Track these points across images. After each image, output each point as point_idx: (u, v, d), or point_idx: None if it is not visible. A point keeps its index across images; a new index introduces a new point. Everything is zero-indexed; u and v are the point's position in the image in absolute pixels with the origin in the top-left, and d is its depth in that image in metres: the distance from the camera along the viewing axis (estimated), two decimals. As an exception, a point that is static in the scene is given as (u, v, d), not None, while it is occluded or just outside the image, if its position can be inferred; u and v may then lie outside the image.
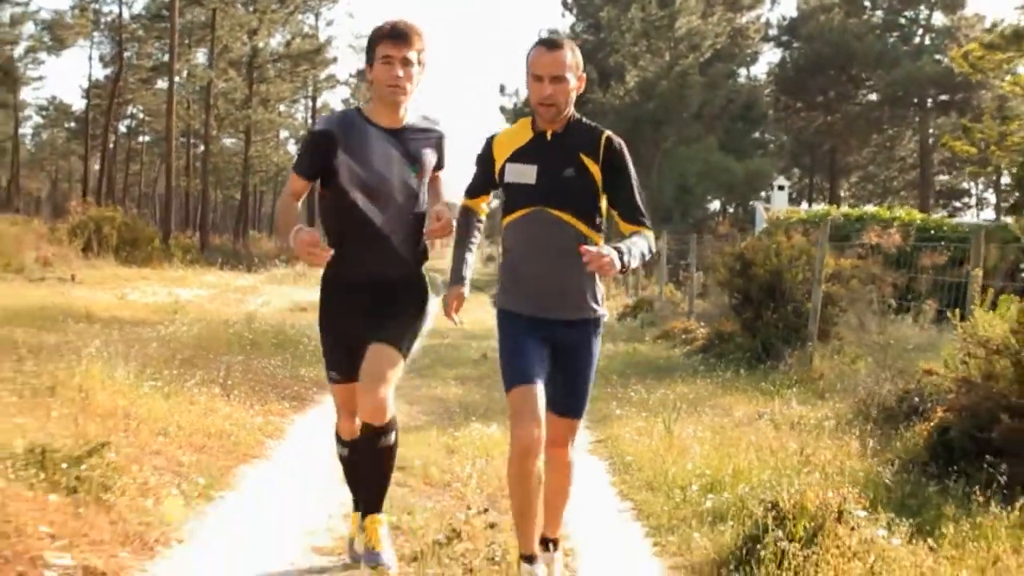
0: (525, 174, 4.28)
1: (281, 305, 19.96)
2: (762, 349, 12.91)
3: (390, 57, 4.32)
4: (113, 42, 59.36)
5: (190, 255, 37.61)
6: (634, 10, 49.55)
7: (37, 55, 63.08)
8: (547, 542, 4.57)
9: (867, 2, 64.02)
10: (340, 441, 4.86)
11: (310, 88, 74.08)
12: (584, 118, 4.41)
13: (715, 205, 57.93)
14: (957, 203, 71.10)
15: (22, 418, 5.97)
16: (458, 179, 4.77)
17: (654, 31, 50.19)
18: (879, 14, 63.92)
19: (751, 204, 48.13)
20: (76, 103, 78.98)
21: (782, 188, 42.57)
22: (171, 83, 43.06)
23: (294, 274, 31.60)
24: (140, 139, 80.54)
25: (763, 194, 48.89)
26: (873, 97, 64.15)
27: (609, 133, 4.34)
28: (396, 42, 4.32)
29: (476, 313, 16.92)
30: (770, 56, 78.46)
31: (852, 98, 64.55)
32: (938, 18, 63.08)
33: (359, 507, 4.75)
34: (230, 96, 58.18)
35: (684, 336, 16.23)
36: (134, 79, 60.26)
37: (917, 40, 62.71)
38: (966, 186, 70.16)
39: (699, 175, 47.15)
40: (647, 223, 4.35)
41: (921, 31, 63.34)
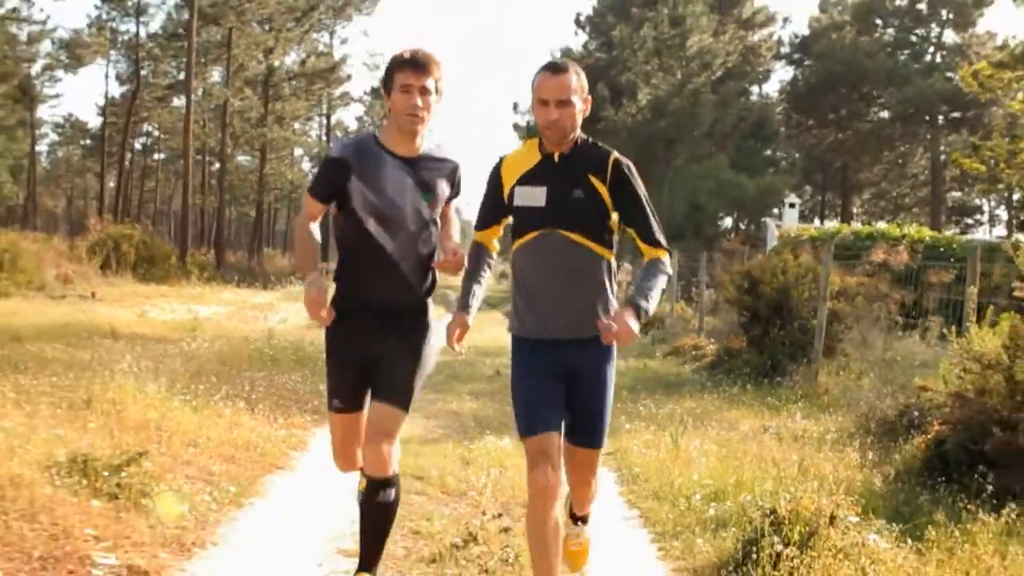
0: (535, 196, 4.29)
1: (298, 322, 20.26)
2: (769, 365, 13.19)
3: (409, 86, 4.30)
4: (130, 60, 59.89)
5: (207, 272, 38.01)
6: (646, 28, 49.85)
7: (54, 73, 63.33)
8: (576, 518, 4.82)
9: (878, 20, 64.22)
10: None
11: (324, 106, 74.59)
12: (591, 139, 4.43)
13: (727, 222, 58.09)
14: (969, 220, 70.86)
15: (61, 429, 6.37)
16: (471, 196, 4.87)
17: (666, 49, 50.46)
18: (890, 32, 64.10)
19: (763, 221, 48.33)
20: (92, 120, 79.39)
21: (793, 206, 42.79)
22: (188, 102, 43.59)
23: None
24: (155, 156, 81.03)
25: (775, 211, 49.04)
26: (885, 115, 64.28)
27: (617, 154, 4.36)
28: (415, 71, 4.31)
29: (489, 331, 17.22)
30: (782, 74, 78.71)
31: (864, 115, 64.74)
32: (949, 36, 63.25)
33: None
34: (246, 115, 58.68)
35: (694, 352, 16.51)
36: (150, 97, 60.69)
37: (928, 58, 62.89)
38: (978, 203, 70.03)
39: (711, 193, 47.30)
40: (664, 243, 4.36)
41: (932, 49, 63.52)
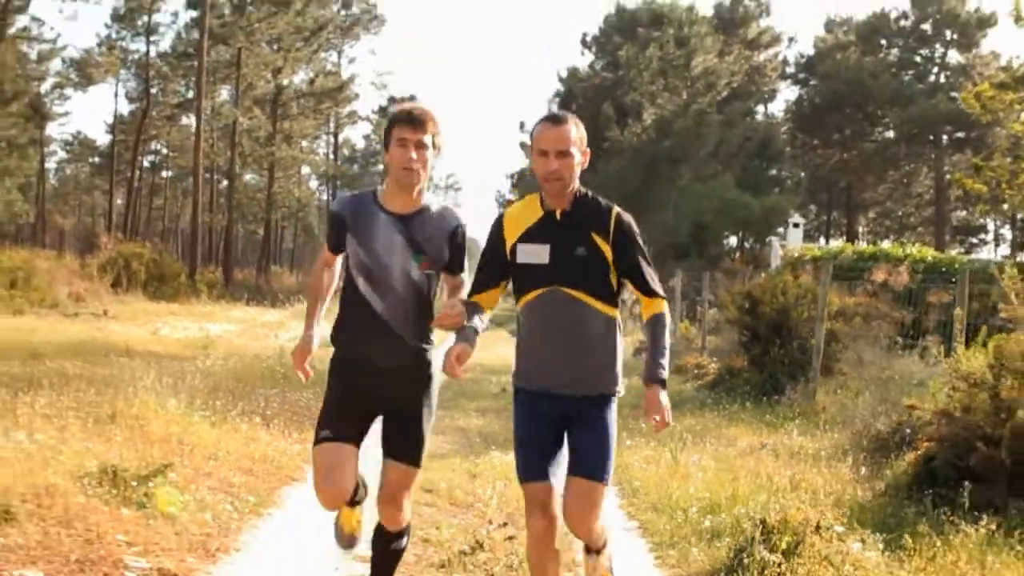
0: (538, 254, 4.29)
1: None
2: (769, 384, 13.48)
3: (405, 140, 4.32)
4: (139, 79, 60.40)
5: (216, 290, 38.40)
6: (652, 49, 50.22)
7: (63, 91, 63.76)
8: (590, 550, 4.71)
9: (883, 40, 64.61)
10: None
11: (332, 124, 75.24)
12: (590, 192, 4.43)
13: (733, 241, 58.36)
14: (974, 239, 71.03)
15: (90, 442, 6.71)
16: (478, 212, 4.88)
17: (671, 70, 50.81)
18: (895, 52, 64.45)
19: (768, 240, 48.56)
20: (100, 138, 80.00)
21: (797, 225, 43.01)
22: (199, 121, 44.06)
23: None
24: (163, 174, 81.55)
25: (779, 231, 49.30)
26: (889, 134, 64.60)
27: (618, 210, 4.37)
28: (412, 126, 4.33)
29: (496, 349, 17.54)
30: (788, 94, 78.93)
31: (868, 135, 65.05)
32: (953, 56, 63.58)
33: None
34: (254, 133, 59.20)
35: (696, 371, 16.80)
36: (159, 115, 61.21)
37: (932, 78, 63.17)
38: (983, 222, 70.20)
39: (716, 212, 47.51)
40: (662, 292, 4.40)
41: (936, 69, 63.82)
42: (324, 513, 4.66)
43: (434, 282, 4.50)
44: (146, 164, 74.25)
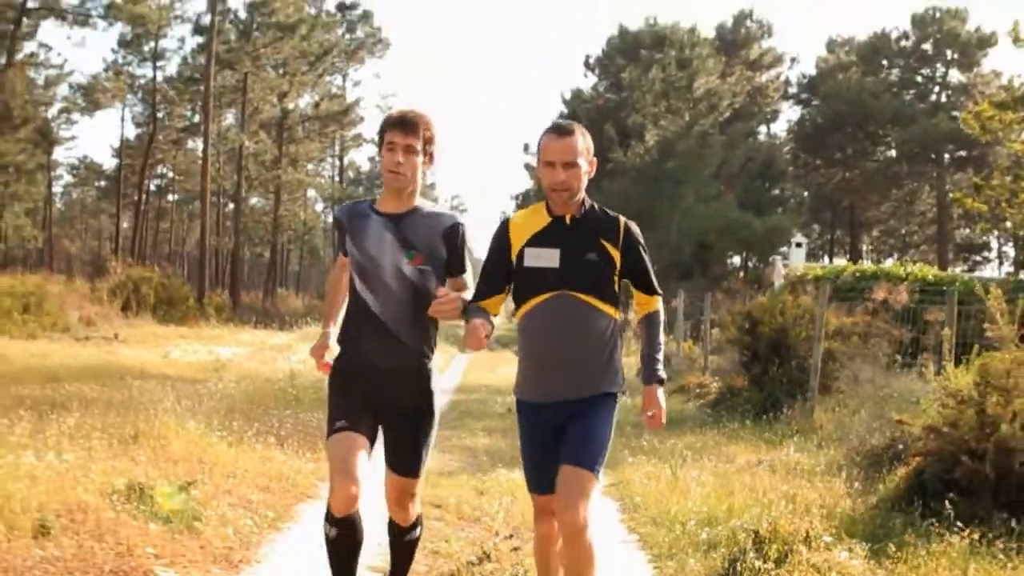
0: (548, 258, 4.33)
1: (312, 363, 20.88)
2: (768, 402, 13.75)
3: (394, 143, 4.38)
4: (145, 104, 60.92)
5: (224, 314, 38.76)
6: (654, 71, 50.64)
7: (70, 116, 64.23)
8: None
9: (884, 60, 65.08)
10: (330, 519, 4.42)
11: (337, 147, 75.66)
12: (596, 204, 4.50)
13: (736, 261, 58.67)
14: (978, 257, 71.16)
15: (115, 462, 7.05)
16: (484, 233, 5.03)
17: (673, 91, 51.24)
18: (896, 72, 64.91)
19: (772, 259, 48.85)
20: (106, 162, 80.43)
21: (800, 245, 43.31)
22: (206, 146, 44.57)
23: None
24: (169, 197, 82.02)
25: (783, 250, 49.59)
26: (891, 153, 65.01)
27: (625, 219, 4.45)
28: (402, 130, 4.39)
29: (501, 370, 17.85)
30: (790, 114, 79.33)
31: (870, 155, 65.44)
32: (954, 75, 64.03)
33: None
34: (260, 157, 59.70)
35: (699, 390, 17.10)
36: (165, 139, 61.70)
37: (933, 98, 63.60)
38: (986, 240, 70.32)
39: (719, 232, 47.86)
40: (659, 291, 4.54)
41: (937, 88, 64.28)
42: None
43: (432, 282, 4.47)
44: (152, 187, 74.64)
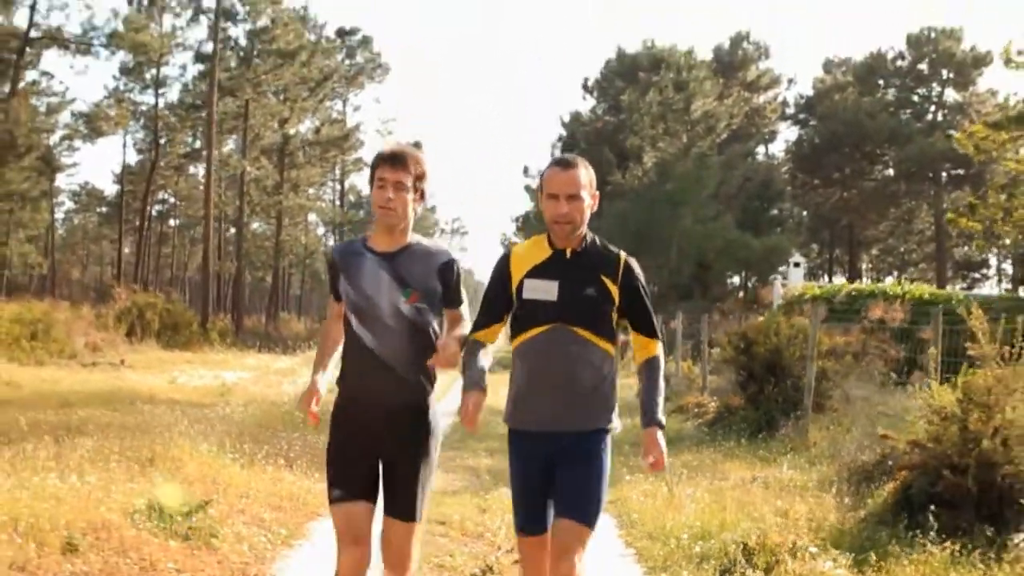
0: (547, 290, 4.33)
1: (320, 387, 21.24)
2: (764, 421, 14.06)
3: (384, 180, 4.38)
4: (147, 130, 61.36)
5: (228, 338, 39.11)
6: (652, 94, 51.08)
7: (72, 143, 64.59)
8: None
9: (880, 80, 65.54)
10: None
11: (338, 171, 76.15)
12: (598, 238, 4.52)
13: (736, 281, 59.02)
14: (976, 275, 71.47)
15: (133, 483, 7.39)
16: (484, 255, 4.84)
17: (671, 113, 51.67)
18: (892, 92, 65.38)
19: (773, 278, 49.19)
20: (107, 188, 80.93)
21: (798, 265, 43.70)
22: (209, 172, 45.01)
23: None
24: (171, 223, 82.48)
25: (781, 270, 49.95)
26: (889, 172, 65.41)
27: (626, 255, 4.45)
28: (392, 166, 4.38)
29: (503, 391, 18.12)
30: (788, 134, 79.91)
31: (868, 174, 65.84)
32: (950, 95, 64.52)
33: None
34: (262, 183, 60.18)
35: (697, 410, 17.39)
36: (166, 165, 62.13)
37: (930, 117, 64.08)
38: (985, 257, 70.58)
39: (718, 253, 48.19)
40: (658, 335, 4.51)
41: (934, 108, 64.76)
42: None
43: (431, 318, 4.47)
44: (153, 213, 75.07)
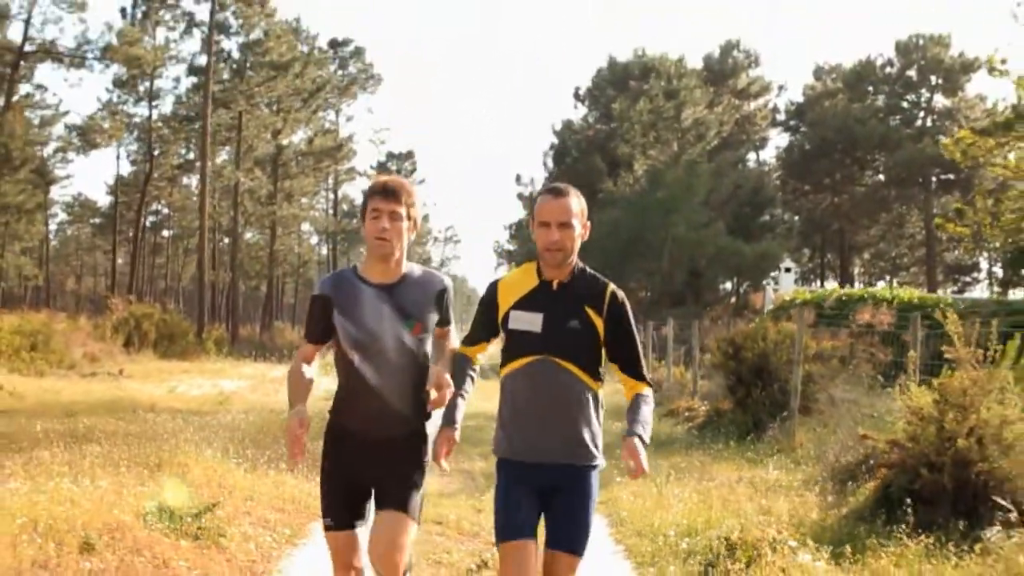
0: (531, 322, 4.35)
1: (316, 394, 21.56)
2: (752, 424, 14.39)
3: (378, 211, 4.38)
4: (141, 142, 61.73)
5: (223, 348, 39.44)
6: (642, 102, 51.46)
7: (66, 155, 64.88)
8: None
9: (870, 87, 66.00)
10: None
11: (331, 181, 76.51)
12: (588, 268, 4.51)
13: (729, 287, 59.40)
14: (967, 278, 71.82)
15: (143, 487, 7.72)
16: (477, 262, 4.74)
17: (661, 122, 52.07)
18: (881, 98, 65.81)
19: (764, 283, 49.59)
20: (100, 199, 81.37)
21: (788, 270, 44.17)
22: (204, 184, 45.42)
23: (323, 363, 33.21)
24: (164, 233, 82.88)
25: (773, 275, 50.37)
26: (879, 178, 65.88)
27: (613, 287, 4.44)
28: (385, 197, 4.39)
29: (496, 398, 18.44)
30: (780, 140, 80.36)
31: (858, 180, 66.30)
32: (939, 100, 64.97)
33: None
34: (256, 193, 60.53)
35: (687, 414, 17.73)
36: (160, 176, 62.44)
37: (919, 122, 64.50)
38: (975, 261, 70.91)
39: (709, 259, 48.56)
40: (647, 378, 4.47)
41: (923, 113, 65.19)
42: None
43: (427, 345, 4.52)
44: (147, 223, 75.42)
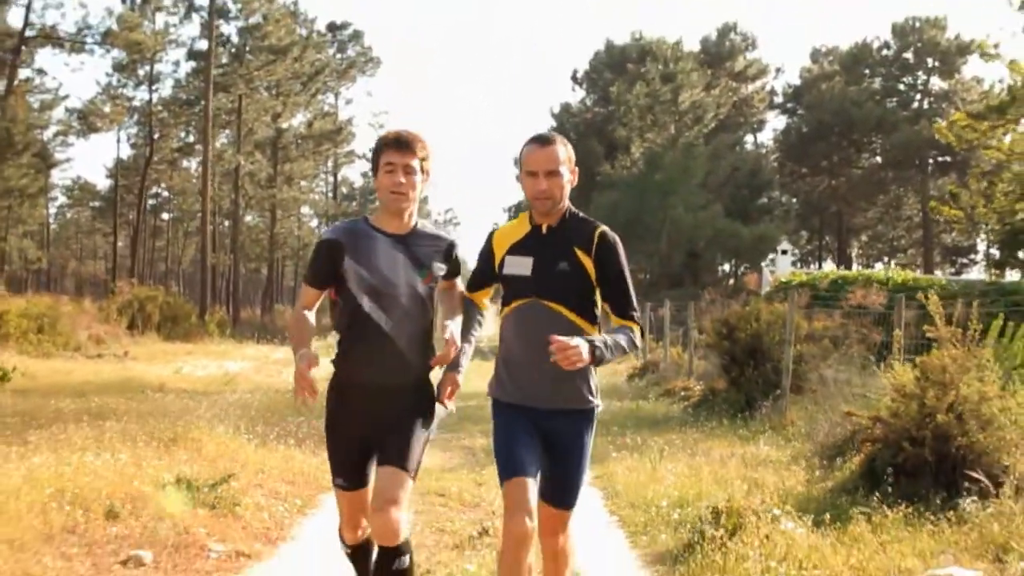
0: (522, 266, 4.39)
1: (319, 375, 21.98)
2: (745, 402, 14.75)
3: (392, 164, 4.37)
4: (141, 126, 62.03)
5: (226, 330, 39.85)
6: (639, 86, 51.70)
7: (66, 138, 65.13)
8: None
9: (866, 70, 66.22)
10: (343, 543, 4.84)
11: (331, 164, 76.81)
12: (580, 212, 4.52)
13: (727, 268, 59.77)
14: (964, 260, 72.10)
15: (160, 460, 8.13)
16: (477, 245, 4.83)
17: (659, 105, 52.31)
18: (878, 81, 66.04)
19: (762, 265, 49.90)
20: (100, 182, 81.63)
21: (785, 252, 44.44)
22: (206, 168, 45.74)
23: (325, 346, 33.59)
24: (164, 216, 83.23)
25: (771, 257, 50.72)
26: (876, 160, 66.18)
27: (603, 228, 4.42)
28: (399, 150, 4.38)
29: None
30: (777, 123, 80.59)
31: (855, 162, 66.61)
32: (936, 83, 65.24)
33: None
34: (256, 176, 60.85)
35: (683, 393, 18.09)
36: (160, 160, 62.73)
37: (916, 105, 64.75)
38: (974, 243, 71.10)
39: (707, 241, 48.90)
40: (636, 317, 4.41)
41: (919, 96, 65.45)
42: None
43: (434, 296, 4.58)
44: (147, 207, 75.68)
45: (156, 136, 58.71)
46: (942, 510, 7.40)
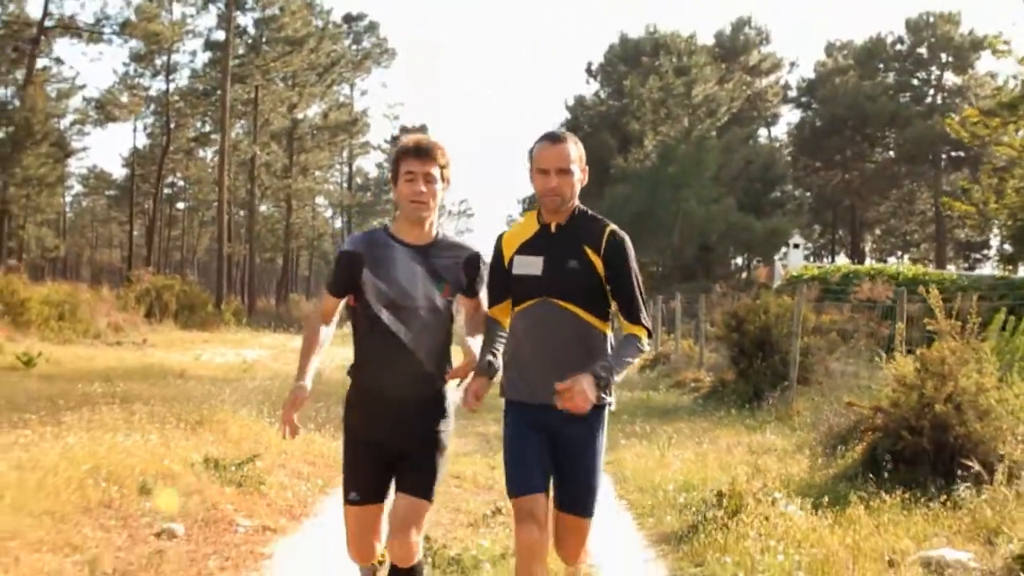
0: (531, 265, 4.36)
1: (335, 364, 22.37)
2: (753, 393, 15.06)
3: (413, 173, 4.30)
4: (158, 116, 62.48)
5: (241, 319, 40.26)
6: (653, 79, 51.90)
7: (83, 128, 65.55)
8: None
9: (880, 64, 66.29)
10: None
11: (346, 155, 77.18)
12: (590, 211, 4.50)
13: (740, 261, 59.93)
14: (977, 255, 72.03)
15: (188, 441, 8.50)
16: (491, 237, 4.76)
17: (672, 98, 52.51)
18: (892, 76, 66.10)
19: (775, 259, 50.08)
20: (116, 171, 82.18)
21: (797, 246, 44.64)
22: (222, 158, 46.13)
23: (341, 334, 33.98)
24: (179, 206, 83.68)
25: (783, 251, 50.89)
26: (890, 155, 66.23)
27: (613, 227, 4.39)
28: (420, 158, 4.31)
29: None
30: (791, 117, 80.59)
31: (868, 156, 66.65)
32: (949, 78, 65.30)
33: None
34: (271, 167, 61.24)
35: (693, 384, 18.42)
36: (176, 149, 63.18)
37: (929, 100, 64.81)
38: (987, 238, 70.95)
39: (720, 234, 49.08)
40: (644, 321, 4.35)
41: (933, 91, 65.49)
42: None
43: (453, 309, 4.52)
44: (163, 196, 76.08)
45: (172, 126, 59.17)
46: (938, 496, 7.66)
